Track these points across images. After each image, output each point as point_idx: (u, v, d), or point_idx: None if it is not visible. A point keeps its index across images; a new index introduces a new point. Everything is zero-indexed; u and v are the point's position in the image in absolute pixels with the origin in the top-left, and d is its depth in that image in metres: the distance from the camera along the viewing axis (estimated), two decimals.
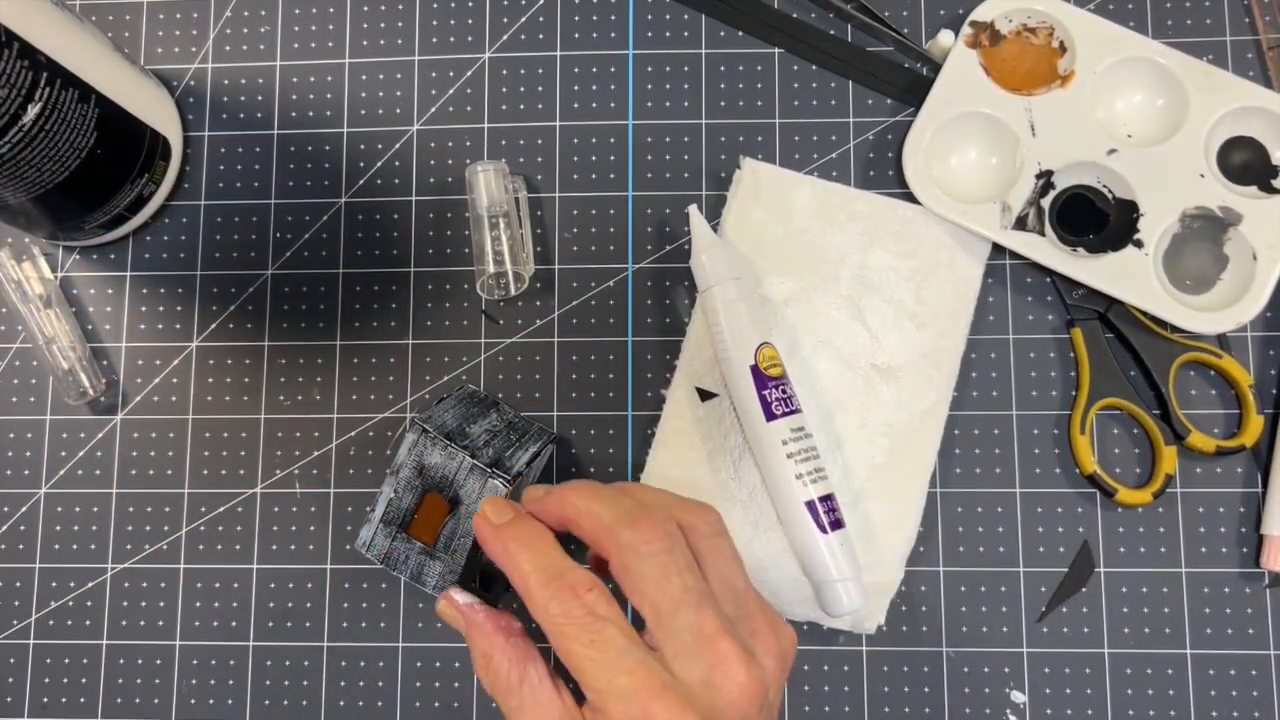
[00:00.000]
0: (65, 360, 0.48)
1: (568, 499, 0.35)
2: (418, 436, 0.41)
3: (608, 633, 0.32)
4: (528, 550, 0.34)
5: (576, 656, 0.31)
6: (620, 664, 0.31)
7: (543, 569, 0.33)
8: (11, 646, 0.47)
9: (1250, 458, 0.46)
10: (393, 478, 0.41)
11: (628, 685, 0.31)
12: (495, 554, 0.35)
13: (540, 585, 0.33)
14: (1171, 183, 0.45)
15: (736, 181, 0.48)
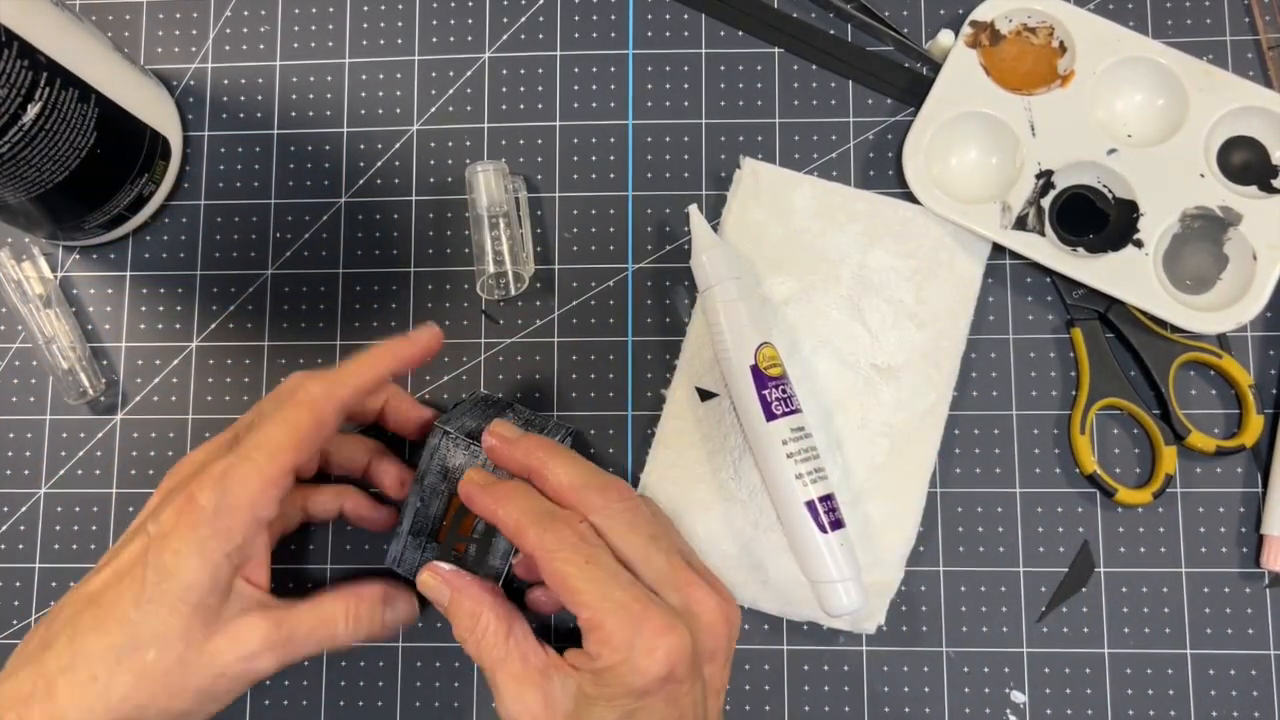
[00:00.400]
0: (65, 360, 0.48)
1: (534, 451, 0.38)
2: (439, 440, 0.41)
3: (601, 556, 0.35)
4: (518, 499, 0.37)
5: (572, 579, 0.34)
6: (615, 581, 0.34)
7: (534, 511, 0.36)
8: (11, 647, 0.47)
9: (1250, 458, 0.46)
10: (418, 486, 0.41)
11: (624, 598, 0.34)
12: (485, 507, 0.37)
13: (534, 522, 0.35)
14: (1171, 183, 0.45)
15: (736, 181, 0.48)
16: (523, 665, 0.35)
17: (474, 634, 0.36)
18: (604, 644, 0.33)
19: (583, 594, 0.34)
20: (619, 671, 0.33)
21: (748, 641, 0.46)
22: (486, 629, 0.36)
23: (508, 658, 0.35)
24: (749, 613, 0.46)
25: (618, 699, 0.33)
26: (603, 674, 0.33)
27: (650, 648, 0.33)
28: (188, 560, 0.35)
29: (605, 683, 0.33)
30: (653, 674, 0.33)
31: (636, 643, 0.33)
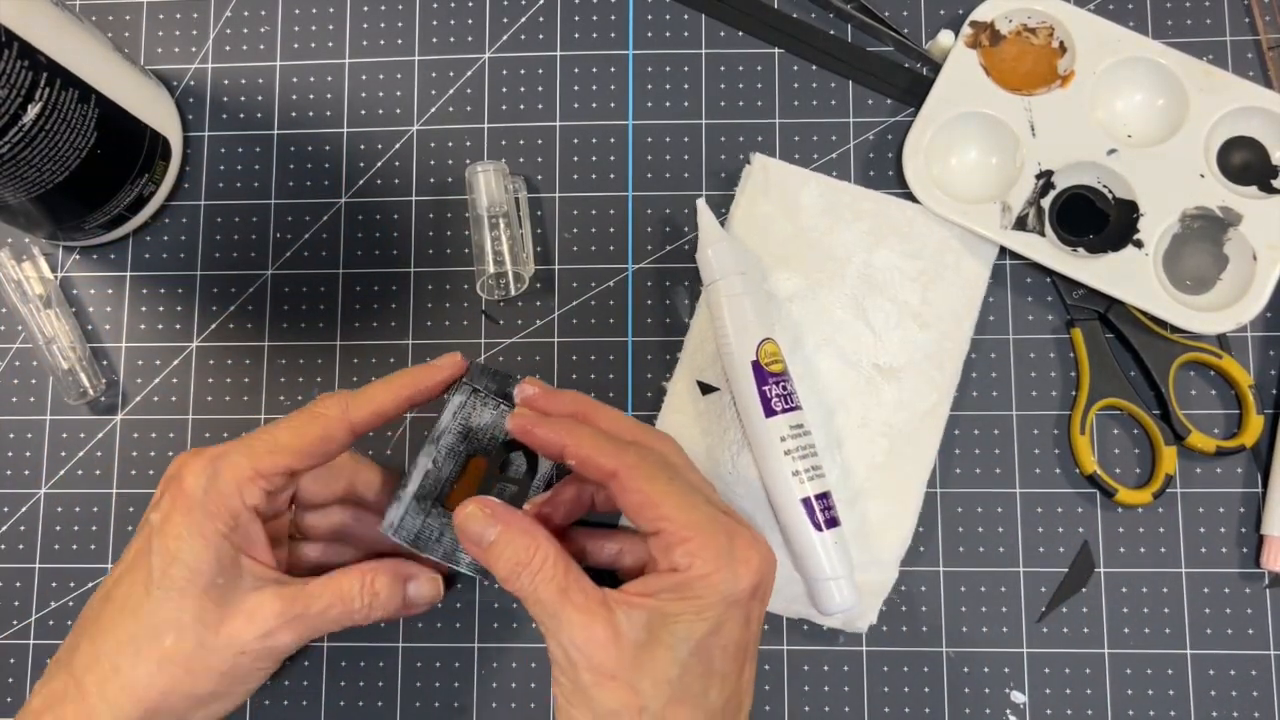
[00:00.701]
0: (65, 360, 0.48)
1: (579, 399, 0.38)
2: (466, 398, 0.39)
3: (678, 475, 0.36)
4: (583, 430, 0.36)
5: (656, 493, 0.34)
6: (697, 496, 0.35)
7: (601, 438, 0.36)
8: (11, 646, 0.47)
9: (1250, 458, 0.46)
10: (432, 446, 0.39)
11: (709, 511, 0.34)
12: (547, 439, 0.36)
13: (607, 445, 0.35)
14: (1171, 183, 0.45)
15: (745, 176, 0.48)
16: (586, 597, 0.33)
17: (530, 568, 0.34)
18: (695, 555, 0.33)
19: (668, 507, 0.34)
20: (713, 580, 0.33)
21: None
22: (545, 560, 0.34)
23: (569, 589, 0.34)
24: None
25: (708, 609, 0.33)
26: (694, 583, 0.33)
27: (746, 558, 0.33)
28: (189, 543, 0.35)
29: (697, 593, 0.33)
30: (747, 583, 0.33)
31: (734, 552, 0.33)
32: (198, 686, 0.35)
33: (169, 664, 0.35)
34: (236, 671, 0.36)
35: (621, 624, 0.33)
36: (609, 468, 0.35)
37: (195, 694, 0.35)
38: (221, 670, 0.35)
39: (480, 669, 0.46)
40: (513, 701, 0.46)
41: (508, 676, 0.46)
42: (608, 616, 0.33)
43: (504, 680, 0.46)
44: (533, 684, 0.46)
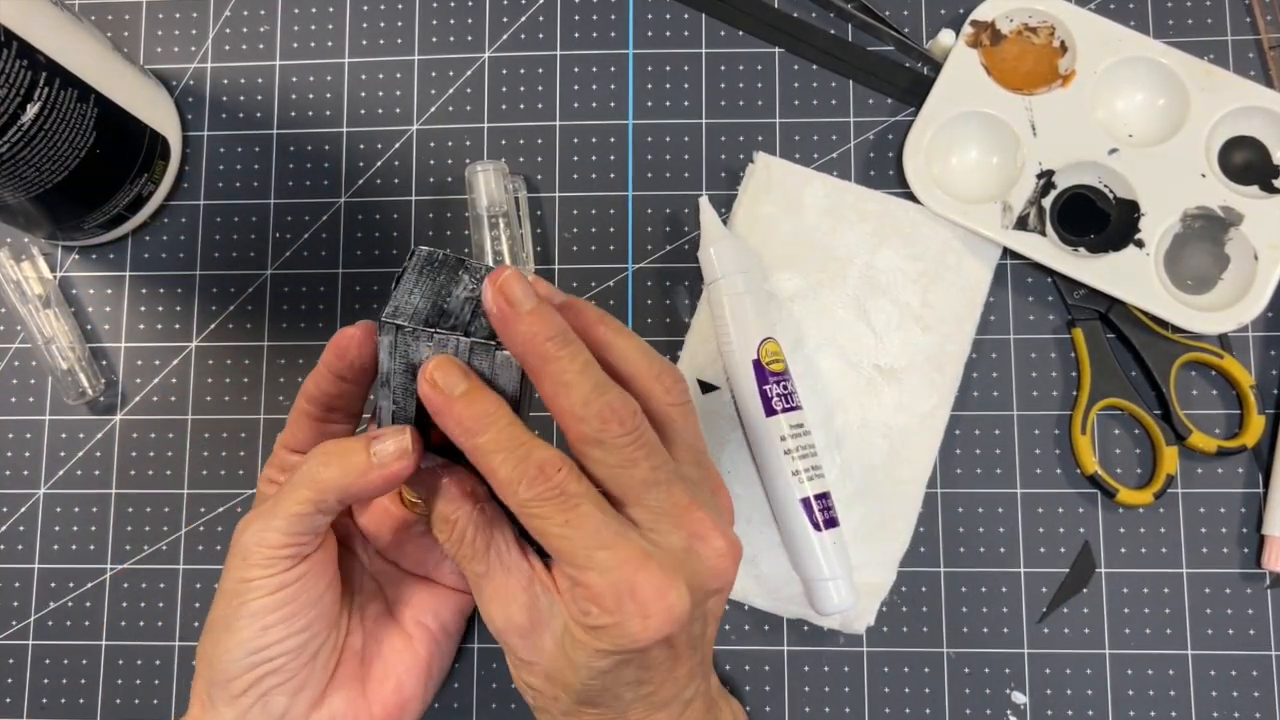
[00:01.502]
0: (64, 360, 0.48)
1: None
2: (393, 336, 0.34)
3: (582, 509, 0.31)
4: (489, 428, 0.32)
5: (553, 537, 0.31)
6: (598, 539, 0.30)
7: (508, 448, 0.31)
8: (10, 647, 0.47)
9: (1251, 458, 0.46)
10: (385, 389, 0.35)
11: (608, 559, 0.30)
12: (451, 429, 0.32)
13: (507, 467, 0.31)
14: (1172, 182, 0.45)
15: (748, 175, 0.47)
16: (505, 579, 0.32)
17: (449, 540, 0.33)
18: (592, 602, 0.31)
19: (564, 554, 0.31)
20: (610, 632, 0.30)
21: (747, 642, 0.46)
22: (463, 538, 0.33)
23: (489, 572, 0.33)
24: (746, 612, 0.46)
25: (608, 654, 0.31)
26: (593, 631, 0.31)
27: (644, 613, 0.30)
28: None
29: (596, 637, 0.31)
30: (646, 639, 0.30)
31: (627, 607, 0.30)
32: (210, 617, 0.35)
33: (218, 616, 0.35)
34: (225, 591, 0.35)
35: (543, 614, 0.32)
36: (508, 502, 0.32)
37: (209, 625, 0.35)
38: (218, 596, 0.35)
39: (480, 669, 0.46)
40: (513, 702, 0.46)
41: (507, 676, 0.46)
42: (528, 603, 0.32)
43: (504, 680, 0.46)
44: None
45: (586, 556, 0.30)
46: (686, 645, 0.33)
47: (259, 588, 0.34)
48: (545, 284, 0.36)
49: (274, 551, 0.34)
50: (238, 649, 0.34)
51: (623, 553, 0.30)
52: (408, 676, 0.39)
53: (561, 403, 0.31)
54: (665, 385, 0.34)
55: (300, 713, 0.36)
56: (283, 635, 0.35)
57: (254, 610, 0.34)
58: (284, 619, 0.35)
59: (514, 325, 0.31)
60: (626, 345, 0.34)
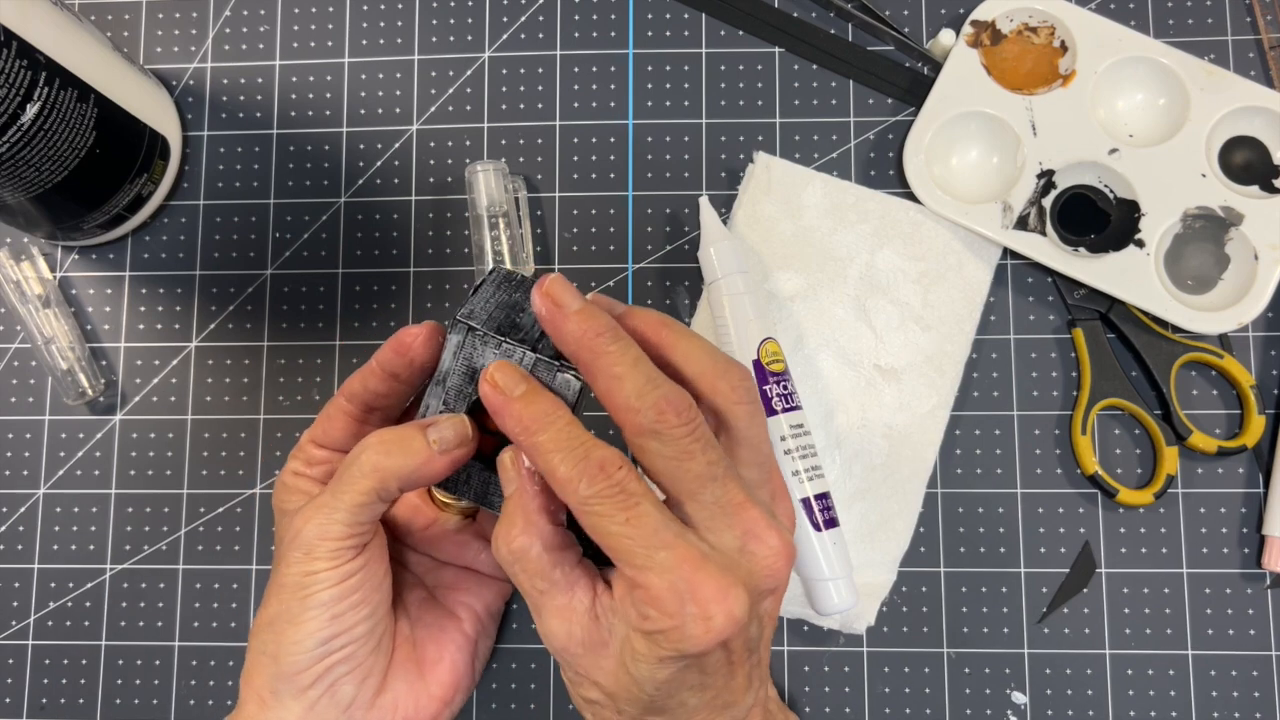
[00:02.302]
0: (64, 360, 0.48)
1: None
2: (464, 337, 0.35)
3: (642, 508, 0.30)
4: (549, 427, 0.32)
5: (612, 536, 0.30)
6: (658, 539, 0.30)
7: (567, 448, 0.31)
8: (10, 647, 0.47)
9: (1252, 458, 0.46)
10: (439, 388, 0.36)
11: (668, 559, 0.30)
12: (511, 429, 0.32)
13: (567, 465, 0.31)
14: (1173, 182, 0.45)
15: (748, 175, 0.47)
16: (568, 598, 0.32)
17: (511, 551, 0.32)
18: (651, 605, 0.30)
19: (624, 553, 0.30)
20: (670, 636, 0.30)
21: None
22: (526, 552, 0.32)
23: (551, 588, 0.32)
24: None
25: (668, 660, 0.30)
26: (653, 636, 0.30)
27: (705, 615, 0.30)
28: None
29: (655, 644, 0.30)
30: (707, 642, 0.30)
31: (688, 610, 0.30)
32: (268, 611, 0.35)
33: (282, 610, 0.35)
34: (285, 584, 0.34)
35: (604, 633, 0.31)
36: (559, 494, 0.31)
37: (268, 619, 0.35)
38: (276, 589, 0.35)
39: None
40: (512, 702, 0.46)
41: (508, 677, 0.46)
42: (590, 620, 0.32)
43: (504, 680, 0.46)
44: (532, 684, 0.46)
45: (646, 556, 0.30)
46: (743, 649, 0.32)
47: (326, 579, 0.34)
48: (605, 298, 0.36)
49: (338, 543, 0.34)
50: (308, 639, 0.34)
51: (682, 553, 0.30)
52: (460, 656, 0.40)
53: (617, 397, 0.31)
54: (731, 383, 0.34)
55: (366, 700, 0.36)
56: (353, 623, 0.35)
57: (323, 601, 0.34)
58: (352, 607, 0.35)
59: (562, 324, 0.32)
60: (690, 345, 0.34)
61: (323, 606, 0.34)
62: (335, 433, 0.38)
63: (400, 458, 0.34)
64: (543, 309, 0.33)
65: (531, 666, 0.46)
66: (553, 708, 0.46)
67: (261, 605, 0.35)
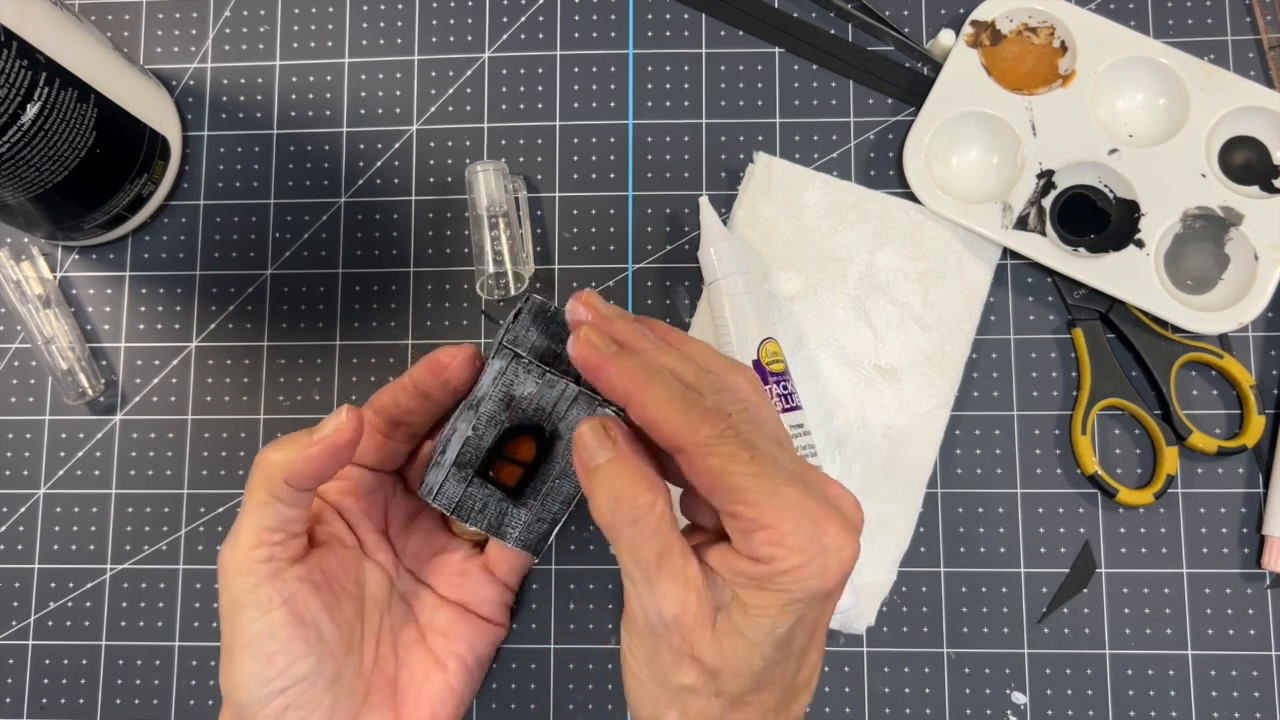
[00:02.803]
0: (64, 360, 0.48)
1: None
2: (507, 363, 0.34)
3: (760, 450, 0.30)
4: (657, 377, 0.31)
5: (735, 474, 0.29)
6: (782, 475, 0.30)
7: (677, 395, 0.31)
8: (10, 647, 0.47)
9: (1252, 458, 0.46)
10: (471, 413, 0.35)
11: (794, 495, 0.29)
12: (615, 381, 0.31)
13: (681, 409, 0.30)
14: (1173, 182, 0.45)
15: (748, 175, 0.47)
16: (685, 563, 0.30)
17: (635, 508, 0.31)
18: (778, 545, 0.29)
19: (749, 492, 0.29)
20: (799, 575, 0.29)
21: None
22: (650, 510, 0.30)
23: (669, 552, 0.30)
24: None
25: (793, 605, 0.29)
26: (778, 578, 0.29)
27: (838, 547, 0.29)
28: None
29: (781, 586, 0.29)
30: (836, 575, 0.29)
31: (825, 544, 0.29)
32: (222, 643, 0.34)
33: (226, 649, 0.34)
34: (224, 616, 0.34)
35: (714, 596, 0.30)
36: (678, 443, 0.30)
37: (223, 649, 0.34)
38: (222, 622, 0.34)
39: None
40: (512, 703, 0.46)
41: (508, 677, 0.46)
42: (702, 589, 0.30)
43: (504, 680, 0.46)
44: (533, 684, 0.46)
45: (774, 491, 0.29)
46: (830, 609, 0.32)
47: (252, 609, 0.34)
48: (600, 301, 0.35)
49: (247, 554, 0.34)
50: (249, 682, 0.34)
51: (803, 490, 0.30)
52: (442, 707, 0.38)
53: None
54: (747, 377, 0.34)
55: None
56: (287, 663, 0.34)
57: (253, 636, 0.34)
58: (283, 645, 0.34)
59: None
60: (698, 348, 0.34)
61: (253, 644, 0.34)
62: (361, 445, 0.37)
63: (283, 453, 0.34)
64: (585, 314, 0.33)
65: (531, 667, 0.46)
66: (553, 708, 0.46)
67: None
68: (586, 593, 0.46)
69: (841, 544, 0.29)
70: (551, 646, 0.46)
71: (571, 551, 0.46)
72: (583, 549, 0.46)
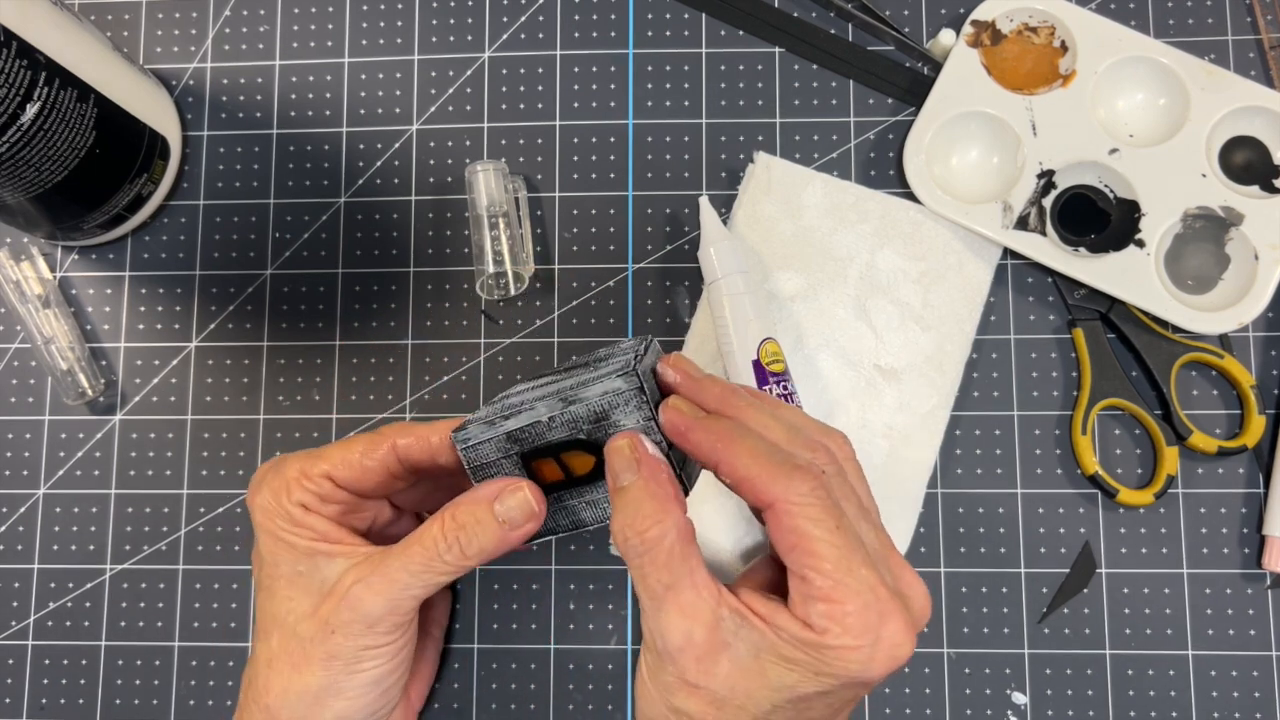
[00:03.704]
0: (64, 360, 0.48)
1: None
2: (628, 389, 0.33)
3: (846, 522, 0.30)
4: (746, 439, 0.31)
5: (818, 541, 0.29)
6: (862, 555, 0.29)
7: (767, 454, 0.30)
8: (10, 647, 0.47)
9: (1252, 458, 0.46)
10: (559, 402, 0.34)
11: (871, 579, 0.29)
12: (703, 443, 0.31)
13: (771, 469, 0.30)
14: (1173, 182, 0.45)
15: (749, 175, 0.47)
16: (695, 596, 0.30)
17: (644, 540, 0.31)
18: (838, 622, 0.29)
19: (827, 561, 0.29)
20: (847, 656, 0.29)
21: None
22: (660, 541, 0.30)
23: (677, 584, 0.30)
24: None
25: (827, 679, 0.29)
26: (824, 650, 0.29)
27: (893, 644, 0.29)
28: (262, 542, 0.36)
29: (823, 658, 0.29)
30: (882, 670, 0.29)
31: (881, 635, 0.29)
32: (306, 680, 0.34)
33: (277, 661, 0.34)
34: (338, 656, 0.34)
35: (727, 636, 0.30)
36: (767, 498, 0.30)
37: (307, 690, 0.34)
38: (322, 657, 0.34)
39: (480, 669, 0.46)
40: (512, 703, 0.46)
41: (508, 677, 0.46)
42: (713, 623, 0.30)
43: (504, 680, 0.46)
44: (532, 685, 0.46)
45: (850, 571, 0.29)
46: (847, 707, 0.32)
47: (383, 654, 0.34)
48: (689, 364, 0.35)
49: (403, 618, 0.34)
50: (359, 714, 0.34)
51: (879, 576, 0.29)
52: (429, 669, 0.42)
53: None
54: (838, 441, 0.33)
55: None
56: (397, 690, 0.35)
57: (375, 677, 0.34)
58: (400, 677, 0.35)
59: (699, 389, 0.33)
60: (790, 410, 0.34)
61: (373, 683, 0.34)
62: (368, 484, 0.36)
63: (477, 547, 0.33)
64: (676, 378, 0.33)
65: (531, 667, 0.46)
66: (553, 708, 0.46)
67: (290, 665, 0.34)
68: (586, 593, 0.46)
69: (899, 641, 0.29)
70: (551, 647, 0.46)
71: (571, 552, 0.46)
72: (582, 549, 0.46)
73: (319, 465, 0.36)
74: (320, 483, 0.36)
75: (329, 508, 0.36)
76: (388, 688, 0.35)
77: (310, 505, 0.36)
